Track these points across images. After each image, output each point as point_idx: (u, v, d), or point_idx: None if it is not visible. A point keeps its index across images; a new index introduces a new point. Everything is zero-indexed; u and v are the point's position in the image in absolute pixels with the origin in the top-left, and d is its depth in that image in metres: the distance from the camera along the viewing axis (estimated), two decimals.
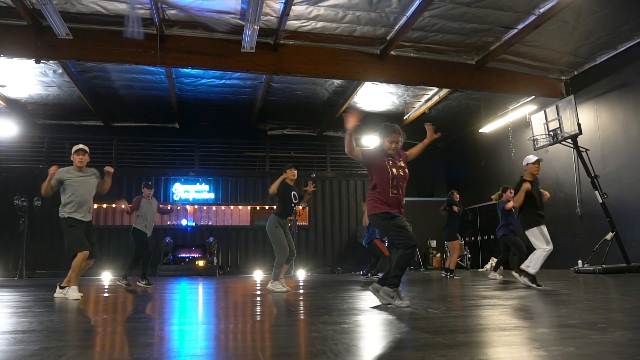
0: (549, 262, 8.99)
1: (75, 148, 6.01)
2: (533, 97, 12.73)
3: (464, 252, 15.41)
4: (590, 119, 11.28)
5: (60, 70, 11.76)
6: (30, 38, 9.56)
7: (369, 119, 15.51)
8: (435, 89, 12.99)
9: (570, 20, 9.51)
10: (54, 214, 8.22)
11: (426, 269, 16.22)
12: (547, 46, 10.66)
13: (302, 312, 4.11)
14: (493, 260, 14.10)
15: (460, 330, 2.79)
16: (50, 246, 12.94)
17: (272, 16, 9.60)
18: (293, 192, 7.06)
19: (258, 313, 4.07)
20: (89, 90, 13.17)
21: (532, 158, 6.58)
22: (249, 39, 9.50)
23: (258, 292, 6.60)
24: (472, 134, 15.98)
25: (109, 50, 9.88)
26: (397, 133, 4.43)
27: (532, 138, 10.52)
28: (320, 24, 9.93)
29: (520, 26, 9.77)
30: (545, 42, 10.47)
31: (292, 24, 9.88)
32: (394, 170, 4.32)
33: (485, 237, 15.50)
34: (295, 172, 7.20)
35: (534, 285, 6.13)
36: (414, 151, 4.82)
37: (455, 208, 9.98)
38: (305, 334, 2.82)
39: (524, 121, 12.34)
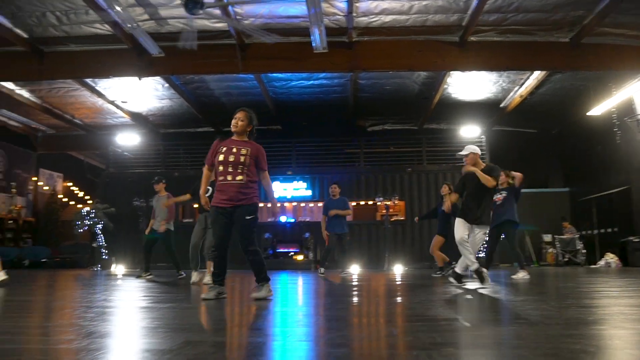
0: None
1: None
2: None
3: (578, 247, 14.07)
4: None
5: (166, 85, 13.11)
6: (133, 59, 10.86)
7: (466, 109, 14.92)
8: (529, 72, 12.08)
9: None
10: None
11: (539, 265, 15.11)
12: None
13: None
14: (608, 256, 12.73)
15: None
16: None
17: (340, 15, 9.78)
18: None
19: None
20: (195, 99, 14.47)
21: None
22: (319, 40, 9.79)
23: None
24: (585, 117, 14.52)
25: (197, 62, 10.83)
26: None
27: (634, 118, 9.33)
28: (389, 18, 9.87)
29: None
30: None
31: (361, 20, 9.97)
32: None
33: (602, 231, 14.01)
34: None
35: None
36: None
37: None
38: None
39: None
